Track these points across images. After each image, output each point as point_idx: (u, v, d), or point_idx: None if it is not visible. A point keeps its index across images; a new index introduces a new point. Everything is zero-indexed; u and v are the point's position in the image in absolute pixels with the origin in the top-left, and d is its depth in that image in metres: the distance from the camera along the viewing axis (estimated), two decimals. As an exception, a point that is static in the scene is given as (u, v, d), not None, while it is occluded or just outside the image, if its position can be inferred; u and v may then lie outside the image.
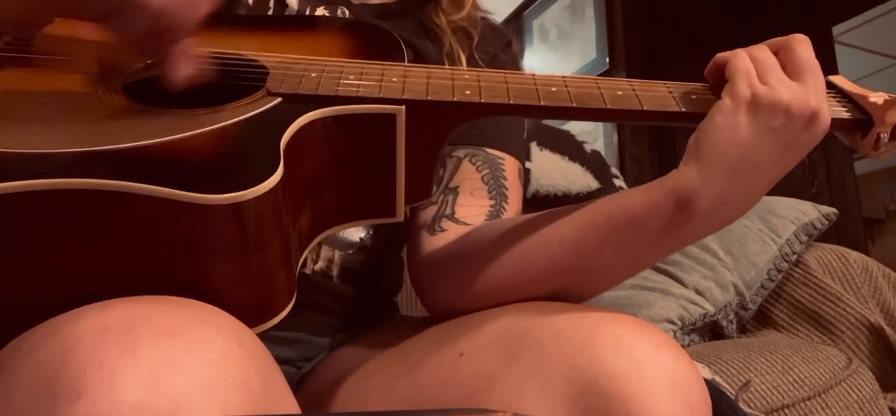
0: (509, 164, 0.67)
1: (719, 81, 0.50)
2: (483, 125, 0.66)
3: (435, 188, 0.63)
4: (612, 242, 0.51)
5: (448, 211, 0.62)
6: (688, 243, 0.51)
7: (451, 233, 0.61)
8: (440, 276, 0.59)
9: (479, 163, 0.65)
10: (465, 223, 0.61)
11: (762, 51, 0.49)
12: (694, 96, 0.51)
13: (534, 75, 0.52)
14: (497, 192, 0.64)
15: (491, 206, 0.63)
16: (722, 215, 0.49)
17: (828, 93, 0.53)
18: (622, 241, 0.51)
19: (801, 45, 0.49)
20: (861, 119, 0.52)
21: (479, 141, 0.66)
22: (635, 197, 0.50)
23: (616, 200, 0.51)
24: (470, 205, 0.63)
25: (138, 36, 0.45)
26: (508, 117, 0.69)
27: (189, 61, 0.47)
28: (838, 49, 2.97)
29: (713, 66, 0.51)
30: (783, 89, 0.46)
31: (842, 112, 0.52)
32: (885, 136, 0.51)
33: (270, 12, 0.67)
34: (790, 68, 0.48)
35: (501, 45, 0.75)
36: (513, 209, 0.64)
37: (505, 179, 0.65)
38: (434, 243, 0.61)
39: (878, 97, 0.51)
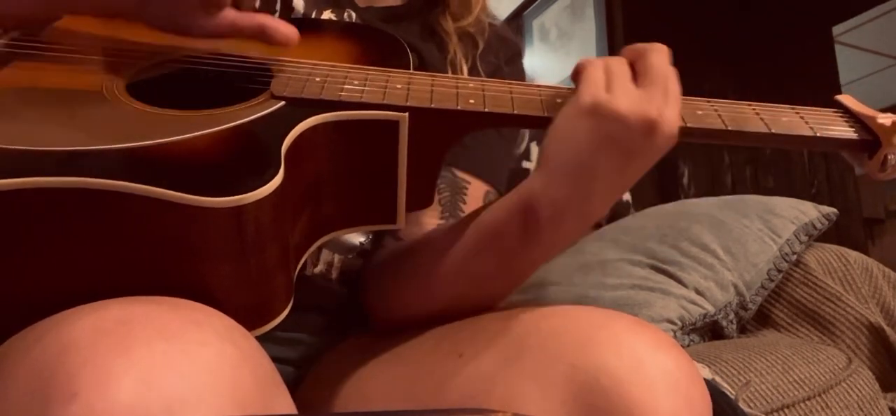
0: (475, 187, 0.67)
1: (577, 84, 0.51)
2: (462, 144, 0.65)
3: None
4: (480, 251, 0.52)
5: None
6: (552, 248, 0.51)
7: (387, 248, 0.63)
8: (369, 289, 0.62)
9: (441, 184, 0.65)
10: (403, 240, 0.63)
11: (616, 60, 0.49)
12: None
13: (539, 86, 0.52)
14: (450, 214, 0.64)
15: (439, 225, 0.63)
16: (570, 221, 0.49)
17: (835, 112, 0.53)
18: (489, 250, 0.52)
19: (655, 53, 0.48)
20: (868, 140, 0.51)
21: (451, 161, 0.66)
22: (495, 206, 0.52)
23: (484, 210, 0.53)
24: (417, 223, 0.63)
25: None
26: (495, 137, 0.70)
27: (279, 21, 0.51)
28: (838, 49, 2.96)
29: (574, 72, 0.51)
30: (623, 97, 0.46)
31: (849, 133, 0.52)
32: (892, 157, 0.51)
33: (277, 15, 0.66)
34: (639, 76, 0.48)
35: (507, 56, 0.74)
36: None
37: (464, 202, 0.65)
38: (376, 257, 0.63)
39: (885, 119, 0.51)
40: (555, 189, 0.48)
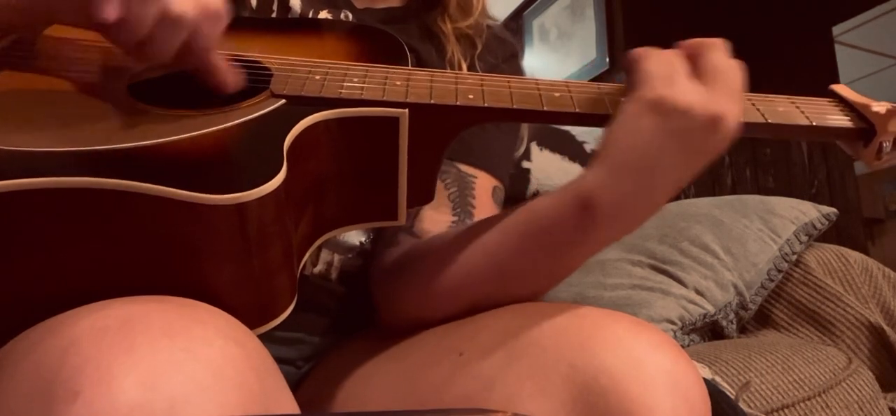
0: (482, 180, 0.66)
1: (634, 76, 0.50)
2: (464, 139, 0.65)
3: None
4: (528, 247, 0.51)
5: (408, 224, 0.62)
6: (601, 245, 0.51)
7: (403, 246, 0.61)
8: (389, 287, 0.60)
9: (448, 179, 0.65)
10: (420, 237, 0.62)
11: (674, 54, 0.49)
12: None
13: (537, 80, 0.52)
14: (462, 209, 0.64)
15: (453, 222, 0.63)
16: (627, 218, 0.49)
17: (830, 102, 0.53)
18: (537, 246, 0.51)
19: (713, 50, 0.48)
20: (863, 128, 0.52)
21: (453, 156, 0.66)
22: (545, 202, 0.51)
23: (530, 206, 0.52)
24: (431, 219, 0.63)
25: (171, 54, 0.45)
26: (497, 133, 0.69)
27: (230, 68, 0.49)
28: (838, 49, 2.97)
29: (627, 64, 0.51)
30: (688, 93, 0.46)
31: (844, 121, 0.52)
32: (887, 145, 0.51)
33: (274, 15, 0.66)
34: (699, 72, 0.48)
35: (505, 55, 0.74)
36: None
37: (473, 196, 0.65)
38: (388, 255, 0.62)
39: (880, 107, 0.51)
40: (616, 184, 0.47)
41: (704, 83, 0.47)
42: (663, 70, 0.47)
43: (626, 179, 0.47)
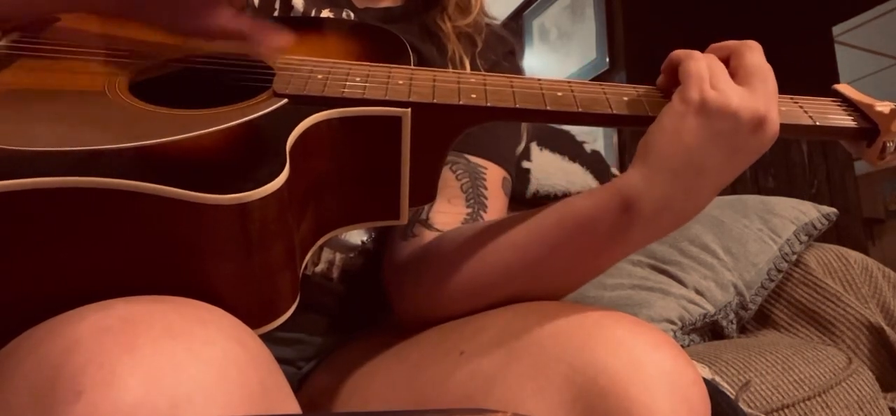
0: (492, 172, 0.66)
1: (671, 78, 0.50)
2: (472, 132, 0.66)
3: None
4: (562, 245, 0.51)
5: (423, 216, 0.62)
6: (638, 245, 0.51)
7: (421, 238, 0.61)
8: (406, 281, 0.60)
9: (459, 171, 0.65)
10: (438, 229, 0.61)
11: (712, 56, 0.49)
12: None
13: (540, 80, 0.52)
14: (475, 200, 0.64)
15: (467, 213, 0.63)
16: (668, 218, 0.49)
17: (833, 102, 0.53)
18: (572, 245, 0.51)
19: (752, 51, 0.49)
20: (867, 128, 0.52)
21: (462, 148, 0.66)
22: (583, 201, 0.51)
23: (566, 203, 0.52)
24: (446, 212, 0.63)
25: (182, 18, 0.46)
26: (501, 125, 0.69)
27: (274, 31, 0.50)
28: (838, 49, 2.97)
29: (668, 63, 0.51)
30: (732, 94, 0.46)
31: (848, 121, 0.52)
32: (891, 145, 0.51)
33: (276, 14, 0.67)
34: (740, 74, 0.48)
35: (504, 52, 0.75)
36: (492, 217, 0.64)
37: (485, 187, 0.65)
38: (405, 248, 0.61)
39: (884, 106, 0.51)
40: (660, 185, 0.47)
41: (746, 84, 0.47)
42: (706, 71, 0.48)
43: (670, 181, 0.47)
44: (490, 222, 0.56)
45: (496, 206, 0.65)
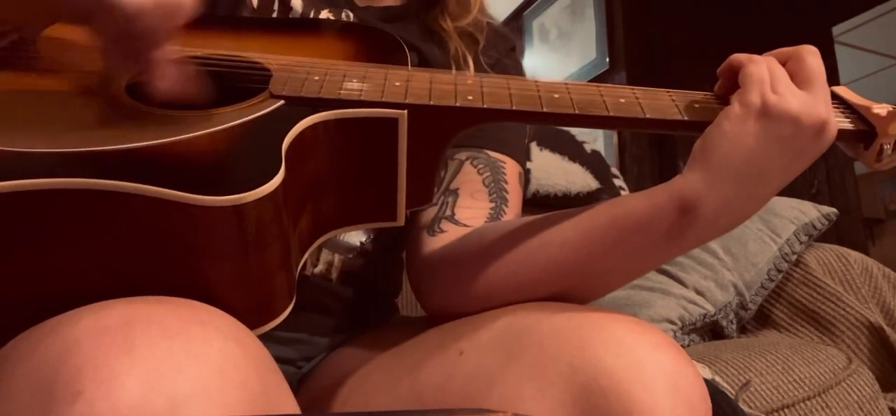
0: (510, 167, 0.67)
1: (729, 81, 0.50)
2: (485, 128, 0.66)
3: (435, 191, 0.63)
4: (616, 246, 0.51)
5: (448, 212, 0.62)
6: (691, 247, 0.51)
7: (450, 234, 0.60)
8: (439, 276, 0.59)
9: (480, 165, 0.65)
10: (465, 225, 0.61)
11: (772, 60, 0.49)
12: (697, 105, 0.51)
13: (537, 81, 0.52)
14: (497, 194, 0.64)
15: (491, 208, 0.63)
16: (725, 220, 0.49)
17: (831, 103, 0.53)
18: (625, 245, 0.51)
19: (811, 56, 0.49)
20: (864, 130, 0.52)
21: (481, 143, 0.66)
22: (639, 201, 0.50)
23: (620, 203, 0.51)
24: (470, 207, 0.63)
25: (115, 40, 0.44)
26: (511, 123, 0.69)
27: (172, 69, 0.46)
28: (838, 49, 2.97)
29: (727, 67, 0.51)
30: (793, 99, 0.47)
31: (845, 123, 0.52)
32: (888, 147, 0.51)
33: (274, 14, 0.67)
34: (800, 78, 0.48)
35: (505, 49, 0.75)
36: (513, 212, 0.64)
37: (506, 181, 0.65)
38: (433, 243, 0.61)
39: (881, 108, 0.51)
40: (720, 189, 0.47)
41: (807, 89, 0.47)
42: (767, 75, 0.48)
43: (729, 184, 0.47)
44: (531, 219, 0.56)
45: (516, 200, 0.66)
